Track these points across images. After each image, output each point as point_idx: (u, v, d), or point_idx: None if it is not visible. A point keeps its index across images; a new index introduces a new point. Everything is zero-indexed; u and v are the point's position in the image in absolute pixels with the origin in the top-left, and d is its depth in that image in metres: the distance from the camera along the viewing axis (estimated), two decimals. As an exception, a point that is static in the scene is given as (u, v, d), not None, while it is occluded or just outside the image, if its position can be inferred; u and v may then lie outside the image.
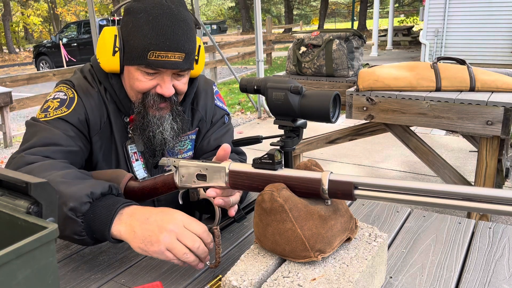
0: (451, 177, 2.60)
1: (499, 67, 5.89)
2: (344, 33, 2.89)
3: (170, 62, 1.09)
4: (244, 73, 11.27)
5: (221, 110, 1.38)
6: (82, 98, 1.16)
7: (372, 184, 0.71)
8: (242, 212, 1.09)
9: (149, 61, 1.08)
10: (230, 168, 0.85)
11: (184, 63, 1.11)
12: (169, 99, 1.15)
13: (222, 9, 43.14)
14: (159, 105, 1.15)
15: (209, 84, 1.38)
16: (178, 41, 1.08)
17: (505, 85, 2.31)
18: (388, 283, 0.86)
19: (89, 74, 1.21)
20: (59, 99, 1.15)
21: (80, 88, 1.18)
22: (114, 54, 1.12)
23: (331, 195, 0.75)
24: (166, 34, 1.07)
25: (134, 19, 1.09)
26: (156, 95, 1.13)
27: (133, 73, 1.12)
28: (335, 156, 4.35)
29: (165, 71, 1.11)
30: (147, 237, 0.84)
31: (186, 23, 1.11)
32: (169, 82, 1.13)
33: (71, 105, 1.14)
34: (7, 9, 22.93)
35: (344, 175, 0.74)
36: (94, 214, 0.88)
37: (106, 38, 1.13)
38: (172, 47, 1.07)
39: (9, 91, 5.32)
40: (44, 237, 0.48)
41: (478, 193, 0.62)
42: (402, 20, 23.38)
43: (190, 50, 1.12)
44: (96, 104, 1.17)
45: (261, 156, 0.82)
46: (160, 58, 1.07)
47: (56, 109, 1.13)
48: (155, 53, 1.07)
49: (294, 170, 0.80)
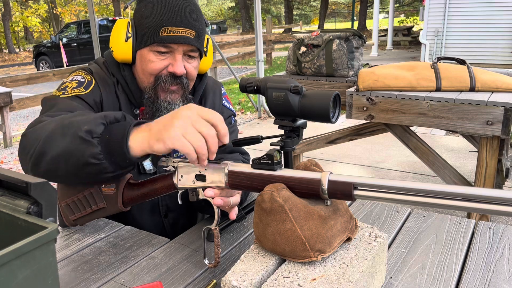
0: (451, 177, 2.59)
1: (499, 67, 5.89)
2: (344, 33, 2.89)
3: (181, 37, 1.13)
4: (244, 73, 11.27)
5: (228, 111, 1.40)
6: (99, 84, 1.19)
7: (372, 185, 0.71)
8: (242, 212, 1.09)
9: (162, 37, 1.12)
10: (229, 169, 0.85)
11: (195, 40, 1.16)
12: (181, 81, 1.17)
13: (222, 9, 43.15)
14: (171, 87, 1.17)
15: (218, 85, 1.41)
16: (189, 18, 1.14)
17: (505, 85, 2.31)
18: (388, 283, 0.86)
19: (103, 66, 1.25)
20: (77, 81, 1.18)
21: (98, 75, 1.21)
22: (127, 40, 1.17)
23: (330, 195, 0.75)
24: (178, 11, 1.13)
25: (147, 3, 1.16)
26: (168, 76, 1.16)
27: (146, 55, 1.16)
28: (335, 156, 4.35)
29: (177, 49, 1.14)
30: (162, 126, 0.82)
31: (195, 5, 1.18)
32: (180, 61, 1.16)
33: (89, 87, 1.17)
34: (7, 9, 22.93)
35: (344, 176, 0.74)
36: (110, 134, 0.86)
37: (119, 27, 1.18)
38: (183, 22, 1.13)
39: (9, 91, 5.32)
40: (44, 237, 0.48)
41: (477, 193, 0.62)
42: (402, 20, 23.37)
43: (200, 30, 1.17)
44: (112, 93, 1.21)
45: (260, 156, 0.81)
46: (172, 34, 1.12)
47: (74, 88, 1.15)
48: (167, 28, 1.12)
49: (293, 170, 0.80)
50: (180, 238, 1.08)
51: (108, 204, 0.99)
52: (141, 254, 1.00)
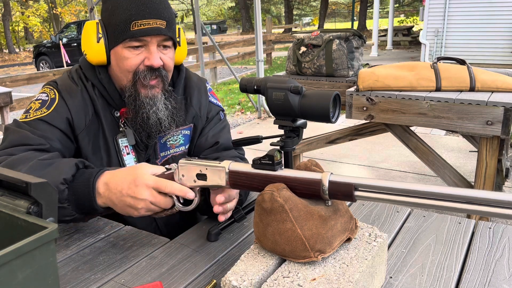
0: (451, 177, 2.59)
1: (499, 67, 5.89)
2: (344, 33, 2.89)
3: (153, 28, 1.12)
4: (244, 73, 11.26)
5: (216, 107, 1.39)
6: (65, 98, 1.19)
7: (372, 186, 0.71)
8: (242, 212, 1.09)
9: (133, 31, 1.12)
10: (230, 168, 0.85)
11: (167, 30, 1.15)
12: (159, 73, 1.17)
13: (222, 9, 43.14)
14: (150, 82, 1.17)
15: (202, 82, 1.40)
16: (158, 9, 1.13)
17: (505, 85, 2.31)
18: (388, 283, 0.86)
19: (75, 74, 1.24)
20: (40, 100, 1.19)
21: (63, 87, 1.21)
22: (98, 40, 1.16)
23: (331, 196, 0.75)
24: (146, 3, 1.12)
25: (113, 1, 1.15)
26: (146, 70, 1.16)
27: (120, 53, 1.15)
28: (335, 156, 4.35)
29: (150, 41, 1.14)
30: (128, 209, 0.97)
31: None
32: (155, 53, 1.15)
33: (51, 106, 1.17)
34: (7, 9, 22.92)
35: (344, 176, 0.74)
36: (76, 195, 0.98)
37: (89, 29, 1.18)
38: (153, 14, 1.12)
39: (9, 91, 5.31)
40: (44, 237, 0.48)
41: (478, 195, 0.62)
42: (402, 20, 23.37)
43: (170, 19, 1.16)
44: (80, 102, 1.20)
45: (261, 156, 0.81)
46: (143, 27, 1.12)
47: (37, 110, 1.17)
48: (137, 22, 1.11)
49: (294, 170, 0.80)
50: (180, 238, 1.08)
51: None
52: (141, 254, 1.00)
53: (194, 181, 0.91)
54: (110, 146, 1.23)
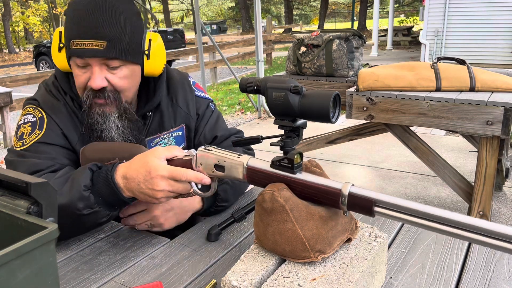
0: (451, 177, 2.60)
1: (499, 67, 5.89)
2: (344, 33, 2.89)
3: (88, 50, 1.06)
4: (244, 73, 11.27)
5: (203, 100, 1.36)
6: (51, 115, 1.16)
7: (393, 204, 0.68)
8: (242, 212, 1.09)
9: (71, 50, 1.07)
10: (249, 164, 0.85)
11: (105, 51, 1.07)
12: (104, 94, 1.11)
13: (222, 9, 43.15)
14: (95, 100, 1.12)
15: (184, 77, 1.36)
16: (96, 28, 1.05)
17: (505, 85, 2.31)
18: (388, 283, 0.86)
19: (53, 87, 1.21)
20: (29, 123, 1.15)
21: (46, 105, 1.17)
22: (60, 50, 1.14)
23: (349, 208, 0.74)
24: (83, 22, 1.06)
25: (67, 13, 1.11)
26: (90, 90, 1.11)
27: (73, 68, 1.12)
28: (335, 156, 4.35)
29: (91, 61, 1.08)
30: (148, 199, 0.95)
31: (112, 10, 1.08)
32: (96, 74, 1.09)
33: (43, 125, 1.14)
34: (7, 9, 22.92)
35: (365, 190, 0.72)
36: (102, 196, 0.98)
37: (54, 37, 1.15)
38: (89, 34, 1.05)
39: (9, 91, 5.32)
40: (44, 237, 0.48)
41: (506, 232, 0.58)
42: (402, 20, 23.37)
43: (114, 38, 1.07)
44: (66, 116, 1.17)
45: (280, 157, 0.81)
46: (79, 47, 1.06)
47: (31, 134, 1.13)
48: (75, 41, 1.07)
49: (314, 176, 0.79)
50: (180, 238, 1.08)
51: None
52: (141, 254, 1.00)
53: (212, 171, 0.91)
54: None
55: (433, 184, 3.55)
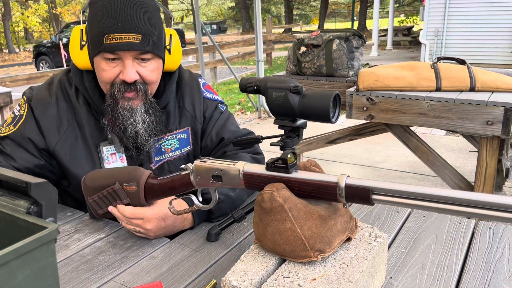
0: (451, 177, 2.60)
1: (499, 67, 5.89)
2: (344, 33, 2.89)
3: (125, 43, 1.08)
4: (244, 73, 11.26)
5: (212, 102, 1.35)
6: (35, 111, 1.20)
7: (390, 190, 0.69)
8: (242, 212, 1.09)
9: (105, 45, 1.09)
10: (245, 170, 0.85)
11: (141, 44, 1.10)
12: (135, 87, 1.14)
13: (222, 9, 43.14)
14: (125, 94, 1.14)
15: (194, 78, 1.36)
16: (131, 22, 1.09)
17: (505, 85, 2.31)
18: (388, 283, 0.86)
19: (58, 81, 1.24)
20: (13, 115, 1.22)
21: (36, 100, 1.21)
22: (81, 48, 1.15)
23: (348, 199, 0.74)
24: (119, 16, 1.08)
25: (93, 9, 1.12)
26: (121, 83, 1.13)
27: (98, 63, 1.14)
28: (335, 156, 4.35)
29: (124, 55, 1.11)
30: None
31: (143, 6, 1.12)
32: (130, 67, 1.12)
33: (18, 122, 1.19)
34: (7, 9, 22.92)
35: (361, 179, 0.72)
36: None
37: (74, 35, 1.16)
38: (125, 28, 1.08)
39: (9, 91, 5.30)
40: (44, 237, 0.48)
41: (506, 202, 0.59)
42: (402, 20, 23.37)
43: (147, 32, 1.11)
44: (52, 116, 1.20)
45: (274, 159, 0.81)
46: (114, 41, 1.08)
47: (9, 125, 1.20)
48: (110, 36, 1.08)
49: (309, 173, 0.79)
50: (180, 238, 1.08)
51: (132, 200, 1.03)
52: (141, 254, 1.00)
53: (210, 181, 0.91)
54: (94, 154, 1.22)
55: (433, 184, 3.55)
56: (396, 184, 0.69)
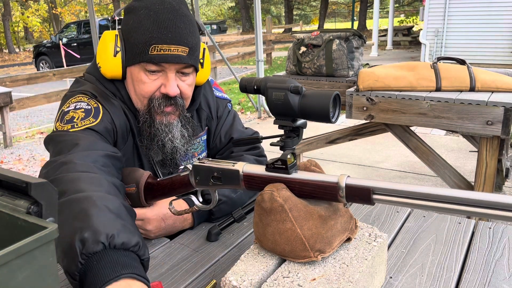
0: (451, 177, 2.59)
1: (499, 67, 5.89)
2: (344, 33, 2.89)
3: (173, 56, 1.04)
4: (244, 73, 11.27)
5: (222, 100, 1.34)
6: (107, 108, 1.08)
7: (390, 189, 0.69)
8: (242, 212, 1.09)
9: (151, 56, 1.04)
10: (244, 171, 0.85)
11: (188, 57, 1.07)
12: (175, 101, 1.10)
13: (222, 9, 43.15)
14: (165, 109, 1.09)
15: None
16: (181, 35, 1.05)
17: (505, 85, 2.31)
18: (388, 283, 0.86)
19: (99, 83, 1.13)
20: (83, 109, 1.06)
21: (102, 98, 1.10)
22: (115, 54, 1.08)
23: (348, 199, 0.74)
24: (169, 27, 1.04)
25: (135, 16, 1.06)
26: (161, 97, 1.09)
27: (136, 74, 1.08)
28: (335, 156, 4.35)
29: (169, 68, 1.06)
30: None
31: (188, 18, 1.08)
32: (173, 80, 1.08)
33: (98, 115, 1.05)
34: (7, 9, 22.92)
35: (362, 179, 0.72)
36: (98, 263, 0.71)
37: (107, 40, 1.09)
38: (174, 39, 1.04)
39: (9, 91, 5.32)
40: (44, 237, 0.48)
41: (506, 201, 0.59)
42: (402, 20, 23.37)
43: (193, 45, 1.08)
44: (121, 114, 1.11)
45: (274, 160, 0.81)
46: (162, 52, 1.03)
47: (84, 119, 1.03)
48: (157, 46, 1.03)
49: (309, 173, 0.79)
50: (180, 238, 1.08)
51: (132, 202, 1.02)
52: (141, 254, 1.00)
53: (210, 183, 0.91)
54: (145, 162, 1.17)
55: (433, 184, 3.55)
56: (397, 184, 0.70)
